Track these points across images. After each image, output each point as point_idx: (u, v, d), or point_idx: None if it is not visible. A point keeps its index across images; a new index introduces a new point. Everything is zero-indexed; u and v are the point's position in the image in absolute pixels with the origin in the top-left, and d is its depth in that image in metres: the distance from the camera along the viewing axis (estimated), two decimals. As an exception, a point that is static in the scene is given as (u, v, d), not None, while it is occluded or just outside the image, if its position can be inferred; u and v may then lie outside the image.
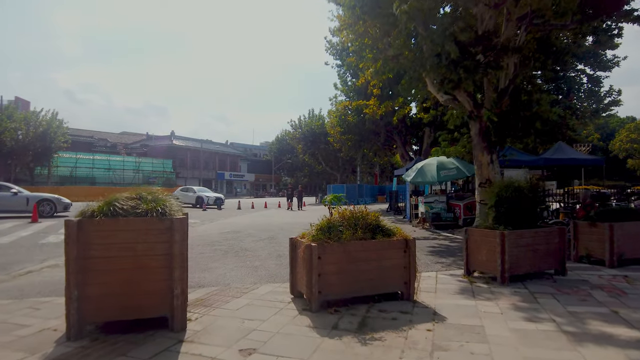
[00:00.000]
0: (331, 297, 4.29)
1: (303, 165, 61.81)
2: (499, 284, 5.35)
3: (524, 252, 5.50)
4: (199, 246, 9.50)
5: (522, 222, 5.63)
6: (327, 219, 4.63)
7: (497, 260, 5.35)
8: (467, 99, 11.30)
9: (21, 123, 40.57)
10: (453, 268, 6.70)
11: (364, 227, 4.55)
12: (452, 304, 4.53)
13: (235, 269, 6.75)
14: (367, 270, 4.42)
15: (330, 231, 4.41)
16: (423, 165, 13.51)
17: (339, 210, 4.78)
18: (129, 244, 3.59)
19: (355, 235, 4.43)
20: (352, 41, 13.81)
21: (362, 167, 45.05)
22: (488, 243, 5.52)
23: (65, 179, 48.37)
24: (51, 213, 17.64)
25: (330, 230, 4.43)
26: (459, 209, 13.17)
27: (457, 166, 12.97)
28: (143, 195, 3.86)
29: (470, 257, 5.83)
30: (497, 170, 11.63)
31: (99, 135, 64.49)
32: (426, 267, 6.73)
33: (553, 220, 7.61)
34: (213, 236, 11.49)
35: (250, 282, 5.71)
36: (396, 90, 19.07)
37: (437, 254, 8.10)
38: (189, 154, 65.91)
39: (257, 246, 9.38)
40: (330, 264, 4.26)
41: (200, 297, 4.88)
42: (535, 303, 4.57)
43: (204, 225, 15.27)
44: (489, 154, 11.52)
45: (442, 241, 10.20)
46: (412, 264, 4.59)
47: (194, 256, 8.01)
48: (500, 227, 5.50)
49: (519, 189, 5.59)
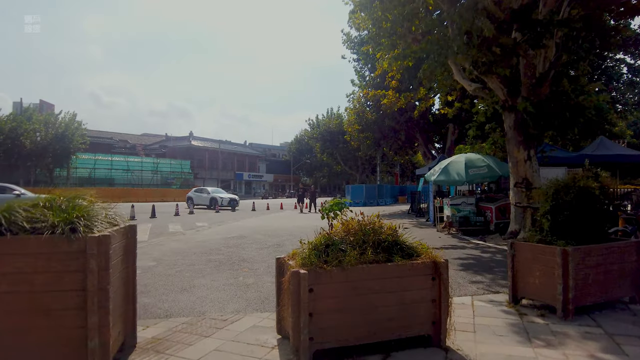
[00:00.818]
0: (329, 345, 3.04)
1: (322, 165, 60.67)
2: (560, 318, 3.99)
3: (593, 274, 4.11)
4: (193, 255, 8.39)
5: (588, 234, 4.24)
6: (325, 233, 3.38)
7: (556, 287, 3.98)
8: (500, 87, 9.85)
9: (40, 125, 40.68)
10: (492, 290, 5.33)
11: (376, 244, 3.29)
12: (500, 355, 3.21)
13: (222, 288, 5.56)
14: (381, 306, 3.15)
15: (328, 251, 3.15)
16: (449, 163, 12.08)
17: (342, 220, 3.52)
18: (23, 274, 2.42)
19: (364, 257, 3.16)
20: (369, 27, 12.49)
21: (382, 167, 43.52)
22: (543, 262, 4.16)
23: (84, 180, 48.53)
24: (56, 215, 16.96)
25: (328, 249, 3.17)
26: (490, 212, 11.69)
27: (487, 164, 11.50)
28: (55, 203, 2.69)
29: (518, 280, 4.46)
30: (535, 168, 10.16)
31: (119, 136, 64.89)
32: (458, 288, 5.38)
33: (614, 229, 6.20)
34: (214, 242, 10.39)
35: (232, 310, 4.50)
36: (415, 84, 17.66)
37: (469, 269, 6.73)
38: (208, 155, 65.64)
39: (259, 256, 8.19)
40: (327, 299, 3.01)
41: (159, 335, 3.69)
42: (622, 355, 3.20)
43: (210, 228, 14.24)
44: (526, 150, 10.05)
45: (473, 250, 8.79)
46: (444, 296, 3.29)
47: (181, 269, 6.91)
48: (560, 241, 4.13)
49: (585, 191, 4.20)
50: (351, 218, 3.54)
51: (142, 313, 4.38)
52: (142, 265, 7.36)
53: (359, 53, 24.10)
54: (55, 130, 41.54)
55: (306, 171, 74.17)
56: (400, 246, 3.37)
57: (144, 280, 6.09)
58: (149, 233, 12.79)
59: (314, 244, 3.24)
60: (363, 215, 3.57)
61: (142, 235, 12.20)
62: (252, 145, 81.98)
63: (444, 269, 3.29)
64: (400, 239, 3.46)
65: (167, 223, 16.19)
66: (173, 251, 9.02)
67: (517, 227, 10.37)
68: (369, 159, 42.82)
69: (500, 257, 7.97)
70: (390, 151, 27.77)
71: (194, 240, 10.91)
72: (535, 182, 10.17)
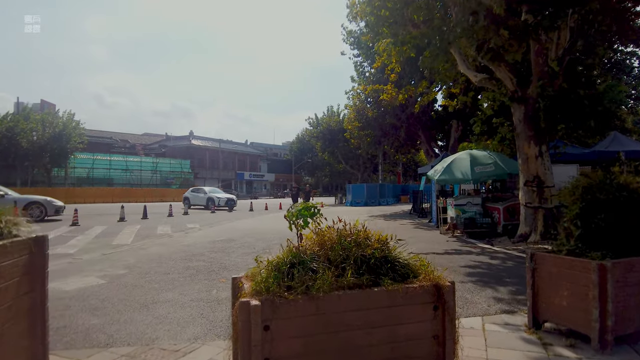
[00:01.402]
0: (294, 400, 2.23)
1: (324, 164, 59.82)
2: (596, 350, 3.16)
3: (638, 295, 3.28)
4: (171, 261, 7.62)
5: (628, 243, 3.41)
6: (292, 247, 2.57)
7: (591, 311, 3.16)
8: (509, 76, 9.00)
9: (37, 124, 40.04)
10: (506, 307, 4.50)
11: (359, 263, 2.47)
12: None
13: (188, 304, 4.77)
14: (365, 346, 2.34)
15: (294, 273, 2.34)
16: (453, 160, 11.24)
17: (317, 230, 2.71)
18: None
19: (342, 280, 2.35)
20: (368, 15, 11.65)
21: (384, 166, 42.65)
22: (573, 279, 3.33)
23: (82, 180, 47.95)
24: (41, 217, 16.30)
25: (294, 270, 2.36)
26: (498, 213, 10.83)
27: (494, 161, 10.65)
28: None
29: (540, 300, 3.64)
30: (547, 166, 9.31)
31: (120, 136, 64.27)
32: (465, 305, 4.56)
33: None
34: (200, 246, 9.62)
35: (190, 336, 3.70)
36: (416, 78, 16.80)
37: (478, 279, 5.89)
38: (208, 154, 64.99)
39: (242, 263, 7.39)
40: (289, 339, 2.20)
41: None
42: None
43: (200, 230, 13.48)
44: (537, 145, 9.20)
45: (480, 256, 7.96)
46: (450, 331, 2.47)
47: (152, 279, 6.14)
48: (594, 253, 3.30)
49: (627, 189, 3.37)
50: (328, 227, 2.74)
51: (79, 340, 3.60)
52: (111, 273, 6.63)
53: (360, 48, 23.25)
54: (52, 130, 40.87)
55: (308, 170, 73.34)
56: (391, 264, 2.55)
57: (103, 293, 5.33)
58: (134, 236, 12.05)
59: (274, 263, 2.43)
60: (344, 223, 2.76)
61: (126, 238, 11.47)
62: (253, 145, 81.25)
63: (450, 294, 2.48)
64: (392, 253, 2.63)
65: (157, 224, 15.44)
66: (151, 257, 8.25)
67: (527, 230, 9.53)
68: (371, 158, 41.95)
69: (511, 263, 7.14)
70: (391, 149, 26.89)
71: (179, 244, 10.14)
72: (547, 181, 9.33)
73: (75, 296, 5.27)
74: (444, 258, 7.66)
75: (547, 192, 9.27)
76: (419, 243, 9.77)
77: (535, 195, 9.29)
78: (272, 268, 2.39)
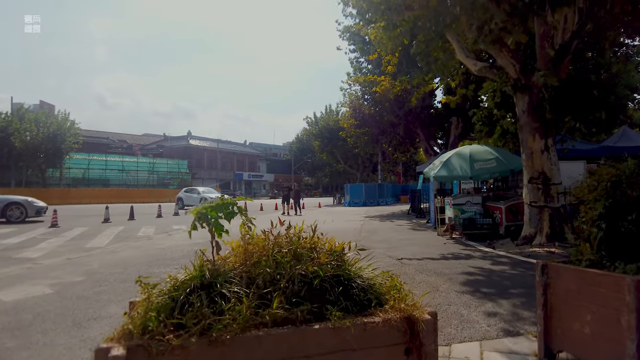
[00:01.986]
0: None
1: (324, 164, 59.06)
2: (631, 395, 2.37)
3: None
4: (135, 267, 6.85)
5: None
6: (204, 262, 1.80)
7: (624, 342, 2.37)
8: (511, 62, 8.22)
9: (31, 124, 39.39)
10: (510, 328, 3.70)
11: (295, 285, 1.69)
12: None
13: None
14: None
15: (192, 302, 1.56)
16: (451, 156, 10.44)
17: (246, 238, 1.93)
18: None
19: (265, 314, 1.57)
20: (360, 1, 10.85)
21: (383, 165, 41.82)
22: (598, 299, 2.55)
23: (77, 180, 47.28)
24: (21, 218, 15.59)
25: (191, 299, 1.57)
26: (500, 213, 10.02)
27: (496, 156, 9.85)
28: None
29: (554, 324, 2.84)
30: (554, 161, 8.52)
31: (118, 136, 63.60)
32: (460, 325, 3.76)
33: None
34: (176, 250, 8.89)
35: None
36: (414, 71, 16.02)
37: (476, 290, 5.09)
38: (206, 154, 64.31)
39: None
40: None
41: None
42: None
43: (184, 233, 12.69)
44: (543, 138, 8.41)
45: (480, 261, 7.16)
46: (429, 385, 1.68)
47: (105, 289, 5.45)
48: (629, 266, 2.51)
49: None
50: (265, 231, 1.96)
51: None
52: (65, 281, 5.91)
53: (355, 43, 22.47)
54: (46, 130, 40.18)
55: (308, 171, 72.59)
56: (345, 286, 1.76)
57: (41, 307, 4.61)
58: (113, 238, 11.35)
59: (166, 290, 1.65)
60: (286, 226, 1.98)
61: (102, 240, 10.76)
62: (252, 145, 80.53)
63: (429, 332, 1.69)
64: (349, 270, 1.85)
65: (142, 226, 14.73)
66: (117, 261, 7.51)
67: (532, 231, 8.73)
68: (370, 157, 41.15)
69: (514, 270, 6.35)
70: (389, 148, 26.07)
71: (155, 247, 9.40)
72: (554, 177, 8.54)
73: (9, 310, 4.53)
74: (439, 264, 6.87)
75: (553, 189, 8.48)
76: (413, 246, 8.98)
77: (540, 194, 8.49)
78: (166, 293, 1.62)
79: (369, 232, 12.04)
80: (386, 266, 6.65)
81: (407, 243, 9.47)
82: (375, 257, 7.52)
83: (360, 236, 10.89)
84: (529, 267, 6.53)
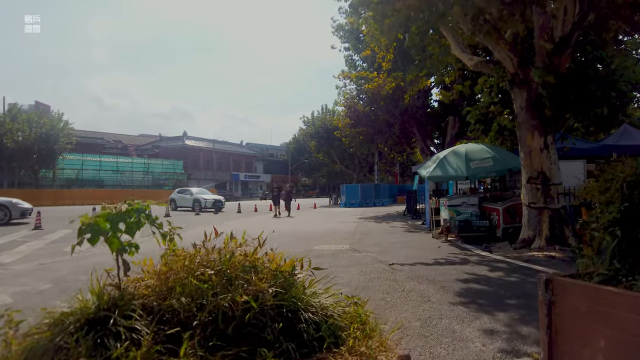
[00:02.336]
0: None
1: (321, 165, 58.63)
2: None
3: None
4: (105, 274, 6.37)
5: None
6: (109, 285, 1.35)
7: (646, 377, 1.94)
8: (508, 55, 7.80)
9: (24, 124, 38.84)
10: (509, 348, 3.26)
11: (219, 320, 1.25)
12: None
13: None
14: None
15: (64, 346, 1.12)
16: (446, 155, 10.02)
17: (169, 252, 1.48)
18: None
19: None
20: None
21: (380, 166, 41.42)
22: (615, 323, 2.11)
23: (71, 181, 46.73)
24: (5, 220, 15.13)
25: (70, 343, 1.13)
26: (497, 215, 9.59)
27: (493, 155, 9.43)
28: None
29: (560, 350, 2.40)
30: (554, 160, 8.12)
31: (113, 137, 62.98)
32: (452, 343, 3.31)
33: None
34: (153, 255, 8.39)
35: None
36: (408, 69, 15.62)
37: (471, 300, 4.64)
38: (202, 155, 63.81)
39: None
40: None
41: None
42: None
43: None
44: (542, 136, 8.00)
45: (476, 267, 6.72)
46: None
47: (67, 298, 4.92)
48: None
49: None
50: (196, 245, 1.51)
51: None
52: (29, 289, 5.59)
53: (349, 41, 22.05)
54: (38, 130, 39.63)
55: (305, 171, 72.14)
56: (292, 319, 1.32)
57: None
58: (94, 241, 10.83)
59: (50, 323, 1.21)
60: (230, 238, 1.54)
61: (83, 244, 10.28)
62: (249, 145, 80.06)
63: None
64: (301, 297, 1.41)
65: (128, 228, 14.22)
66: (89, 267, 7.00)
67: (530, 234, 8.32)
68: (366, 158, 40.74)
69: (513, 277, 5.91)
70: (385, 148, 25.64)
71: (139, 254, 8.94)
72: (553, 177, 8.12)
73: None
74: (432, 270, 6.43)
75: (553, 190, 8.06)
76: (407, 249, 8.54)
77: (539, 194, 8.07)
78: (50, 326, 1.17)
79: (362, 234, 11.60)
80: (375, 272, 6.21)
81: (401, 246, 9.04)
82: (365, 263, 7.08)
83: (354, 239, 10.45)
84: (527, 273, 6.10)
